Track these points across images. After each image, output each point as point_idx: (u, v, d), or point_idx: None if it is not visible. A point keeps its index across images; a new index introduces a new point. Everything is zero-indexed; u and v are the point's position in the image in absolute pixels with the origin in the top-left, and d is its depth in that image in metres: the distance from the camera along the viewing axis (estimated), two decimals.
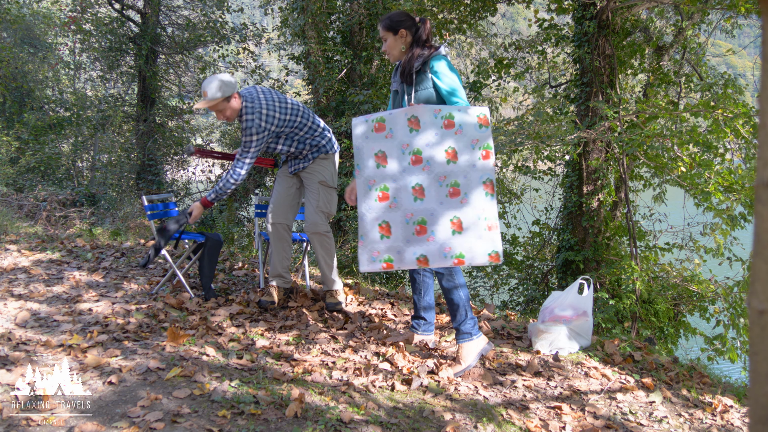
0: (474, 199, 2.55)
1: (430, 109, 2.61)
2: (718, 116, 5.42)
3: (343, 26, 7.95)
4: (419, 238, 2.60)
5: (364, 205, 2.68)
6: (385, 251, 2.64)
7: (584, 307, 3.42)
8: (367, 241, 2.66)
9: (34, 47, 11.72)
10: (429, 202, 2.59)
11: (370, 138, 2.68)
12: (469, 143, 2.56)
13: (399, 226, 2.63)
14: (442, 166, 2.58)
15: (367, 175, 2.68)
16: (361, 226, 2.69)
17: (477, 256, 2.56)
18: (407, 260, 2.61)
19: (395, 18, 2.86)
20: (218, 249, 3.75)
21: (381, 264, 2.65)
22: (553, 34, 7.84)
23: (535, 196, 9.21)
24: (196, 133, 12.65)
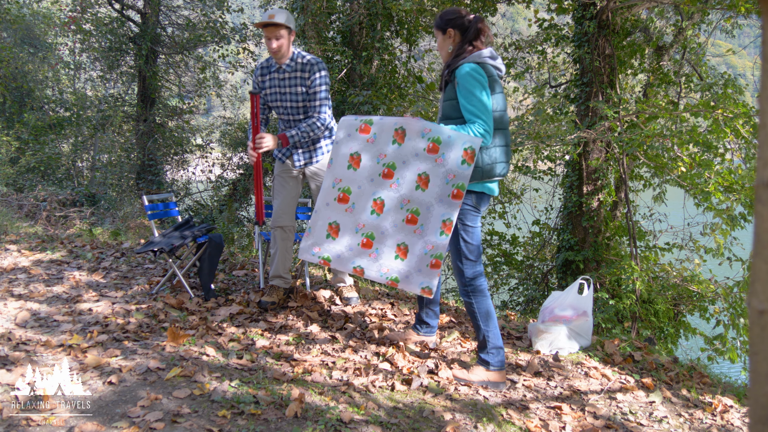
0: (428, 234, 2.51)
1: (420, 127, 2.53)
2: (718, 116, 5.42)
3: (343, 26, 7.95)
4: (362, 251, 2.60)
5: (322, 199, 2.69)
6: (326, 250, 2.67)
7: (584, 307, 3.42)
8: (313, 234, 2.71)
9: (34, 47, 11.72)
10: (384, 221, 2.57)
11: (351, 137, 2.66)
12: (444, 176, 2.48)
13: (348, 232, 2.63)
14: (409, 190, 2.54)
15: (336, 172, 2.67)
16: (312, 217, 2.72)
17: (411, 285, 2.55)
18: (344, 265, 2.64)
19: (445, 16, 2.69)
20: (219, 250, 3.76)
21: (318, 259, 2.69)
22: (553, 34, 7.84)
23: (535, 196, 9.20)
24: (196, 133, 12.65)
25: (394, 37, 8.37)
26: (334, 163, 2.68)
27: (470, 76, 2.51)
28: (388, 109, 7.42)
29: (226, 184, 10.92)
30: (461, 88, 2.52)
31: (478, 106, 2.50)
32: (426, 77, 9.08)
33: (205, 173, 11.70)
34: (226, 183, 10.97)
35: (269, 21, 3.21)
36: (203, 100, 12.80)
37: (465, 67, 2.53)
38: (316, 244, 2.68)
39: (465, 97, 2.51)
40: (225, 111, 14.99)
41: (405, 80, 8.42)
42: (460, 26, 2.65)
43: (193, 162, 12.08)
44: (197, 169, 11.99)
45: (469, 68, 2.52)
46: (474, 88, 2.50)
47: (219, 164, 11.56)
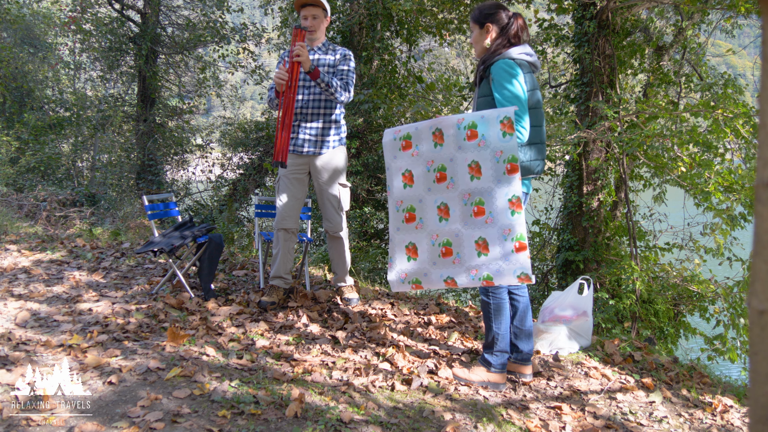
0: (500, 219, 2.42)
1: (453, 120, 2.51)
2: (718, 116, 5.42)
3: (343, 26, 7.95)
4: (445, 261, 2.54)
5: (392, 226, 2.68)
6: (413, 273, 2.62)
7: (584, 307, 3.42)
8: (395, 263, 2.67)
9: (34, 47, 11.72)
10: (453, 223, 2.52)
11: (398, 157, 2.66)
12: (492, 156, 2.42)
13: (425, 247, 2.59)
14: (465, 184, 2.49)
15: (396, 195, 2.67)
16: (390, 247, 2.69)
17: (505, 278, 2.44)
18: (435, 281, 2.58)
19: (484, 10, 2.65)
20: (219, 250, 3.76)
21: (410, 285, 2.64)
22: (553, 34, 7.84)
23: (535, 196, 9.20)
24: (196, 133, 12.65)
25: (394, 37, 8.37)
26: (392, 188, 2.68)
27: (503, 70, 2.50)
28: (388, 108, 7.42)
29: (226, 184, 10.91)
30: (495, 84, 2.52)
31: (512, 101, 2.48)
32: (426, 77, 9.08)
33: (205, 173, 11.69)
34: (226, 183, 10.96)
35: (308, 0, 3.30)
36: (203, 100, 12.80)
37: (499, 63, 2.53)
38: (402, 271, 2.65)
39: (499, 92, 2.51)
40: (225, 111, 14.99)
41: (405, 80, 8.42)
42: (498, 22, 2.62)
43: (193, 162, 12.07)
44: (197, 169, 11.98)
45: (503, 63, 2.52)
46: (507, 82, 2.49)
47: (219, 164, 11.55)
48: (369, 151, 7.61)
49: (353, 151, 7.44)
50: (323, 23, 3.44)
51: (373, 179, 7.45)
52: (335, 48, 3.49)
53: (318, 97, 3.44)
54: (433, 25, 8.76)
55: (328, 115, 3.50)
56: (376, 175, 7.44)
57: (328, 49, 3.49)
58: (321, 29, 3.44)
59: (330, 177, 3.54)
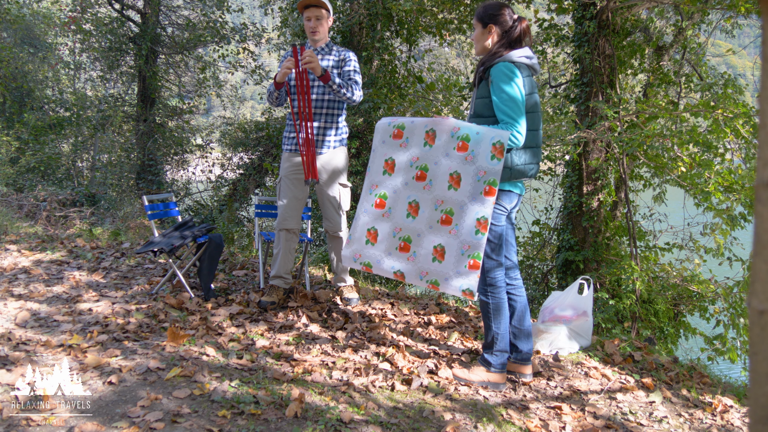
0: (463, 234, 2.48)
1: (449, 126, 2.54)
2: (718, 116, 5.42)
3: (343, 26, 7.95)
4: (400, 255, 2.61)
5: (361, 206, 2.72)
6: (366, 256, 2.69)
7: (584, 307, 3.42)
8: (353, 241, 2.73)
9: (34, 47, 11.72)
10: (419, 223, 2.58)
11: (386, 143, 2.70)
12: (475, 174, 2.46)
13: (386, 236, 2.65)
14: (442, 190, 2.53)
15: (372, 178, 2.71)
16: (353, 225, 2.74)
17: (451, 288, 2.51)
18: (384, 270, 2.66)
19: (489, 10, 2.62)
20: (219, 250, 3.76)
21: (360, 265, 2.72)
22: (553, 34, 7.84)
23: (535, 196, 9.20)
24: (196, 133, 12.65)
25: (394, 37, 8.37)
26: (371, 170, 2.73)
27: (503, 73, 2.49)
28: (388, 108, 7.42)
29: (226, 184, 10.91)
30: (494, 86, 2.51)
31: (510, 104, 2.47)
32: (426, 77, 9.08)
33: (205, 173, 11.69)
34: (226, 183, 10.96)
35: (311, 1, 3.32)
36: (203, 100, 12.79)
37: (499, 65, 2.52)
38: (357, 251, 2.71)
39: (497, 95, 2.50)
40: (225, 111, 14.98)
41: (405, 80, 8.42)
42: (502, 24, 2.60)
43: (193, 162, 12.07)
44: (197, 169, 11.97)
45: (503, 66, 2.51)
46: (506, 85, 2.48)
47: (219, 164, 11.54)
48: (369, 151, 7.61)
49: (353, 151, 7.44)
50: (326, 24, 3.45)
51: None
52: (338, 49, 3.51)
53: (321, 97, 3.45)
54: (433, 25, 8.76)
55: (329, 115, 3.51)
56: None
57: (331, 50, 3.50)
58: (324, 30, 3.45)
59: (330, 177, 3.55)
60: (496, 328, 2.68)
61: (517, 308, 2.78)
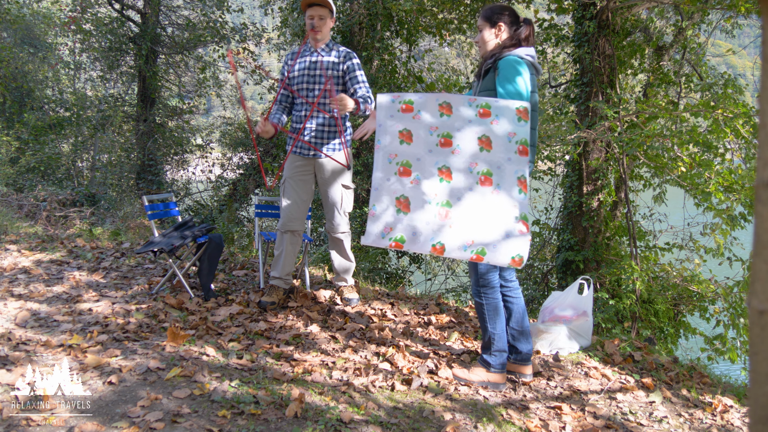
0: (507, 194, 2.29)
1: (464, 98, 2.39)
2: (718, 116, 5.42)
3: (343, 26, 7.95)
4: (441, 223, 2.31)
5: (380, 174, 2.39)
6: (400, 229, 2.34)
7: (584, 307, 3.42)
8: (380, 212, 2.36)
9: (34, 47, 11.72)
10: (456, 186, 2.32)
11: (395, 117, 2.43)
12: (505, 135, 2.32)
13: (420, 203, 2.33)
14: (474, 153, 2.33)
15: (388, 149, 2.41)
16: (374, 195, 2.39)
17: (500, 256, 2.29)
18: (421, 244, 2.32)
19: (496, 9, 2.64)
20: (219, 250, 3.76)
21: (390, 242, 2.35)
22: (553, 34, 7.84)
23: (535, 196, 9.20)
24: (196, 133, 12.65)
25: (394, 37, 8.37)
26: (383, 143, 2.41)
27: (512, 66, 2.49)
28: None
29: (226, 184, 10.92)
30: (501, 78, 2.49)
31: (515, 96, 2.47)
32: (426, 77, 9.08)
33: (205, 173, 11.69)
34: (226, 183, 10.97)
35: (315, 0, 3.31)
36: (203, 100, 12.80)
37: (508, 59, 2.52)
38: (387, 224, 2.34)
39: (503, 87, 2.48)
40: (225, 111, 14.98)
41: (405, 80, 8.42)
42: (510, 24, 2.62)
43: (193, 162, 12.07)
44: (197, 169, 11.98)
45: (512, 59, 2.51)
46: (514, 78, 2.48)
47: (219, 164, 11.55)
48: (369, 151, 7.61)
49: (353, 151, 7.44)
50: (329, 24, 3.44)
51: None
52: (338, 48, 3.50)
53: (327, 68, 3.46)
54: (433, 25, 8.76)
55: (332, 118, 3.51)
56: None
57: (332, 49, 3.49)
58: (326, 30, 3.44)
59: (333, 178, 3.54)
60: (492, 329, 2.68)
61: (516, 311, 2.78)
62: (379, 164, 2.41)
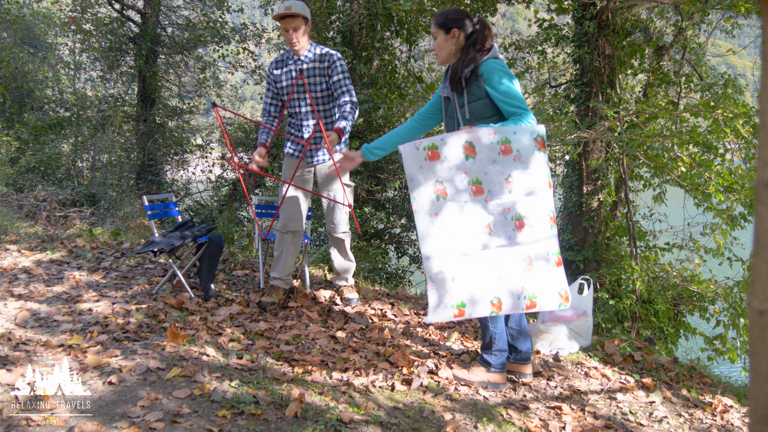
0: (540, 233, 2.36)
1: (485, 133, 2.38)
2: (718, 116, 5.42)
3: (343, 26, 7.95)
4: (491, 277, 2.35)
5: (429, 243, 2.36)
6: (458, 296, 2.34)
7: (584, 307, 3.42)
8: (437, 283, 2.35)
9: (34, 47, 11.72)
10: (497, 237, 2.36)
11: (424, 167, 2.39)
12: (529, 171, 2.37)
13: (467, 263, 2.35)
14: (504, 197, 2.37)
15: (427, 209, 2.38)
16: (428, 267, 2.36)
17: (549, 298, 2.35)
18: (481, 306, 2.35)
19: (450, 15, 2.59)
20: (219, 250, 3.76)
21: (453, 311, 2.35)
22: (553, 34, 7.84)
23: None
24: (196, 133, 12.65)
25: (394, 37, 8.37)
26: (419, 201, 2.37)
27: (500, 69, 2.47)
28: (388, 109, 7.42)
29: (226, 184, 10.92)
30: (492, 83, 2.46)
31: (515, 95, 2.46)
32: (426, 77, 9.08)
33: (205, 173, 11.70)
34: (226, 183, 10.97)
35: (286, 12, 3.27)
36: (203, 100, 12.80)
37: (491, 62, 2.49)
38: (446, 293, 2.33)
39: (499, 91, 2.46)
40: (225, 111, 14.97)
41: (405, 80, 8.42)
42: (464, 28, 2.57)
43: (193, 162, 12.08)
44: (197, 169, 11.98)
45: (493, 63, 2.49)
46: (505, 79, 2.47)
47: (219, 164, 11.55)
48: None
49: (353, 148, 7.45)
50: (304, 30, 3.36)
51: (373, 179, 7.45)
52: (322, 50, 3.42)
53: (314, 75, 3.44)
54: None
55: (330, 124, 3.54)
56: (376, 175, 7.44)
57: (315, 54, 3.41)
58: (303, 39, 3.36)
59: (333, 177, 3.56)
60: (494, 328, 2.68)
61: None
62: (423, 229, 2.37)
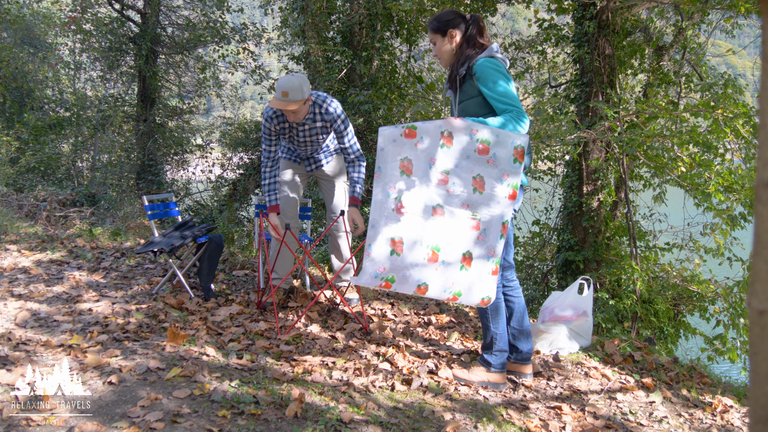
0: (490, 239, 2.40)
1: (467, 128, 2.39)
2: (718, 116, 5.42)
3: (343, 26, 7.95)
4: (428, 265, 2.38)
5: (378, 213, 2.41)
6: (391, 269, 2.38)
7: (584, 307, 3.42)
8: (375, 254, 2.38)
9: (34, 47, 11.71)
10: (448, 228, 2.40)
11: (397, 142, 2.41)
12: (499, 177, 2.39)
13: (412, 245, 2.39)
14: (467, 195, 2.40)
15: (386, 180, 2.40)
16: (371, 235, 2.40)
17: (472, 297, 2.43)
18: (408, 285, 2.39)
19: (443, 18, 2.61)
20: (219, 250, 3.76)
21: (381, 282, 2.40)
22: (553, 34, 7.84)
23: (535, 196, 9.20)
24: (196, 133, 12.65)
25: (394, 37, 8.37)
26: (384, 171, 2.40)
27: (492, 68, 2.47)
28: (388, 109, 7.42)
29: (226, 184, 10.92)
30: (487, 82, 2.46)
31: (508, 94, 2.45)
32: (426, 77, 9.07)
33: (205, 173, 11.69)
34: (226, 183, 10.96)
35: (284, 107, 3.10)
36: (203, 100, 12.80)
37: (484, 61, 2.49)
38: (381, 264, 2.37)
39: (492, 90, 2.46)
40: (225, 111, 14.98)
41: (405, 80, 8.42)
42: (459, 26, 2.59)
43: (193, 162, 12.07)
44: (197, 169, 11.98)
45: (487, 62, 2.49)
46: (500, 79, 2.47)
47: (219, 164, 11.55)
48: (369, 151, 7.61)
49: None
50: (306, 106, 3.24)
51: (373, 179, 7.44)
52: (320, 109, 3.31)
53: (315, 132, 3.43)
54: None
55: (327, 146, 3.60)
56: None
57: (315, 114, 3.32)
58: (303, 112, 3.25)
59: (333, 178, 3.57)
60: (495, 328, 2.68)
61: (516, 309, 2.77)
62: (377, 199, 2.42)
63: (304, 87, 3.09)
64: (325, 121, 3.34)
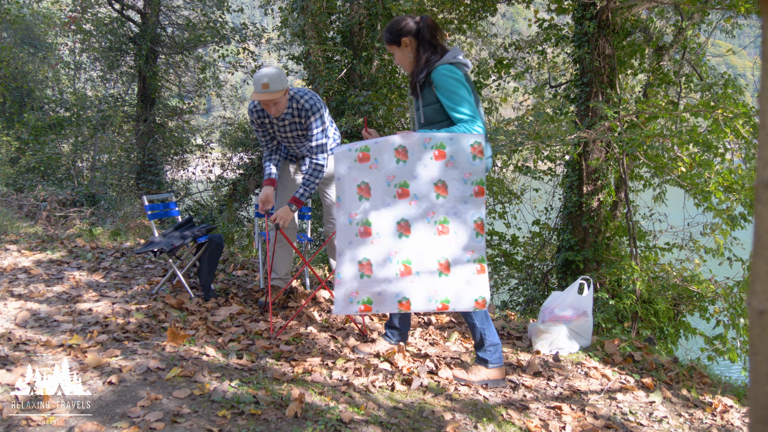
0: (464, 239, 2.39)
1: (419, 139, 2.42)
2: (718, 116, 5.42)
3: (343, 26, 7.95)
4: (402, 279, 2.40)
5: (343, 240, 2.46)
6: (365, 292, 2.41)
7: (584, 307, 3.42)
8: (344, 281, 2.42)
9: (34, 47, 11.71)
10: (415, 241, 2.41)
11: (352, 168, 2.45)
12: (461, 177, 2.40)
13: (381, 264, 2.42)
14: (430, 201, 2.40)
15: (347, 208, 2.46)
16: (338, 262, 2.46)
17: (463, 302, 2.41)
18: (388, 302, 2.41)
19: (394, 28, 2.63)
20: (219, 250, 3.76)
21: (358, 306, 2.42)
22: (553, 34, 7.84)
23: (535, 196, 9.21)
24: (196, 133, 12.65)
25: None
26: (343, 200, 2.46)
27: (449, 77, 2.50)
28: (388, 109, 7.42)
29: (226, 184, 10.92)
30: (443, 90, 2.50)
31: (463, 103, 2.49)
32: None
33: (205, 173, 11.70)
34: (226, 183, 10.97)
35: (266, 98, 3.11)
36: (203, 100, 12.79)
37: (441, 69, 2.52)
38: (352, 289, 2.41)
39: (450, 98, 2.49)
40: (225, 111, 14.98)
41: (405, 80, 8.42)
42: (410, 32, 2.61)
43: (193, 162, 12.08)
44: (197, 169, 11.98)
45: (443, 69, 2.52)
46: (457, 88, 2.50)
47: (219, 164, 11.56)
48: None
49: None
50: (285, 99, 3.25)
51: None
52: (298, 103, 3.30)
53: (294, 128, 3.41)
54: None
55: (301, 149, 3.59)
56: None
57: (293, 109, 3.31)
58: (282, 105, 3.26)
59: (330, 179, 3.57)
60: (480, 325, 2.69)
61: None
62: (340, 227, 2.46)
63: (282, 77, 3.14)
64: (300, 117, 3.35)
